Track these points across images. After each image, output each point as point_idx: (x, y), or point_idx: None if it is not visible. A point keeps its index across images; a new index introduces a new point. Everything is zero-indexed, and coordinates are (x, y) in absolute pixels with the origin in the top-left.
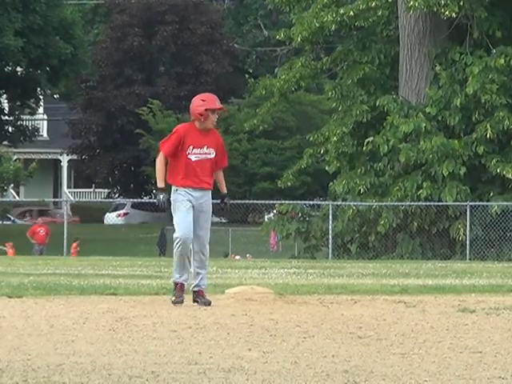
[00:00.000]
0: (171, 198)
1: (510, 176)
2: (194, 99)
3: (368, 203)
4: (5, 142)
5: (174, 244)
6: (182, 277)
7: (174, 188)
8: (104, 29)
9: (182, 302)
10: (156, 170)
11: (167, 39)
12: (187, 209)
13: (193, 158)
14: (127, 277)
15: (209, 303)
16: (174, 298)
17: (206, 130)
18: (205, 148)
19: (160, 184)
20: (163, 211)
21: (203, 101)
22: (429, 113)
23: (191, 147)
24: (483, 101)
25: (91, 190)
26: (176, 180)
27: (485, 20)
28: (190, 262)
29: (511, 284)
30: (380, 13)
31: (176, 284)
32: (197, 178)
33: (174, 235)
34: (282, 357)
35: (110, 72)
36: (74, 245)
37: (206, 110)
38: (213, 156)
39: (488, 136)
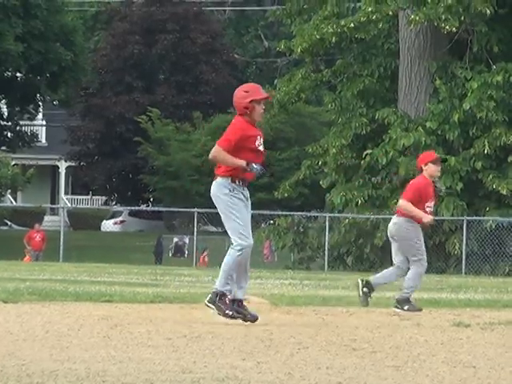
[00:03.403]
0: (224, 197)
1: (504, 192)
2: (236, 92)
3: (365, 215)
4: (3, 148)
5: (235, 252)
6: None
7: (226, 185)
8: (104, 36)
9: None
10: (225, 160)
11: (167, 48)
12: (247, 211)
13: (261, 148)
14: (123, 284)
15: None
16: (230, 312)
17: (255, 123)
18: (261, 137)
19: (240, 163)
20: (259, 177)
21: (246, 92)
22: (429, 127)
23: (258, 137)
24: (478, 117)
25: (88, 196)
26: (236, 171)
27: (485, 35)
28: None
29: (506, 299)
30: (381, 26)
31: (223, 295)
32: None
33: (240, 242)
34: (276, 367)
35: (110, 79)
36: (204, 254)
37: (250, 101)
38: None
39: (485, 152)
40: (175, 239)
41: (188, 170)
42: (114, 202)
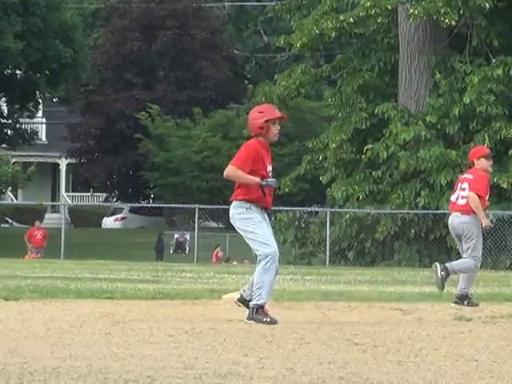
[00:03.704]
0: (240, 216)
1: (505, 186)
2: (251, 113)
3: (366, 210)
4: (3, 145)
5: (263, 263)
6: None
7: (242, 205)
8: (104, 33)
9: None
10: (239, 177)
11: (167, 44)
12: (267, 225)
13: (271, 175)
14: (124, 281)
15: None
16: (268, 319)
17: (269, 143)
18: (270, 164)
19: (255, 180)
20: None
21: (261, 112)
22: (429, 121)
23: (268, 166)
24: (478, 112)
25: (89, 193)
26: (252, 197)
27: (484, 29)
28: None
29: (508, 293)
30: (380, 20)
31: (261, 307)
32: (269, 197)
33: (264, 251)
34: (278, 363)
35: (110, 76)
36: (217, 250)
37: (265, 121)
38: None
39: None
40: (176, 235)
41: (188, 166)
42: (114, 199)
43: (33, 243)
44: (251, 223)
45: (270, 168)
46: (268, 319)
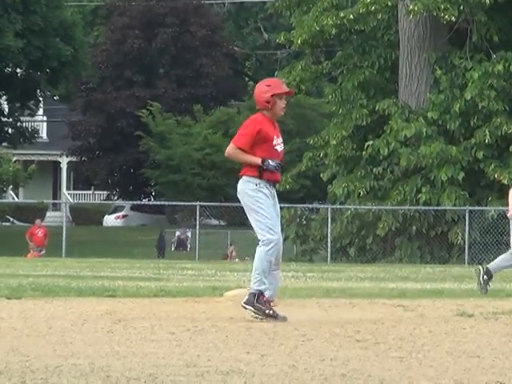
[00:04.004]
0: (250, 192)
1: (505, 182)
2: (257, 86)
3: (367, 206)
4: (4, 144)
5: (265, 247)
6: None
7: (252, 181)
8: (104, 31)
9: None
10: (240, 158)
11: (167, 42)
12: (274, 206)
13: (279, 148)
14: (126, 279)
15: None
16: (271, 312)
17: (276, 119)
18: (280, 137)
19: (255, 161)
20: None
21: (268, 86)
22: (430, 117)
23: (275, 137)
24: (480, 107)
25: (90, 191)
26: (257, 172)
27: (484, 24)
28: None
29: (510, 289)
30: (380, 17)
31: (261, 294)
32: (278, 171)
33: (269, 237)
34: (280, 360)
35: (110, 74)
36: (231, 249)
37: (272, 95)
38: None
39: (486, 141)
40: (177, 233)
41: (189, 164)
42: (115, 197)
43: (34, 242)
44: (262, 204)
45: (277, 141)
46: (271, 312)
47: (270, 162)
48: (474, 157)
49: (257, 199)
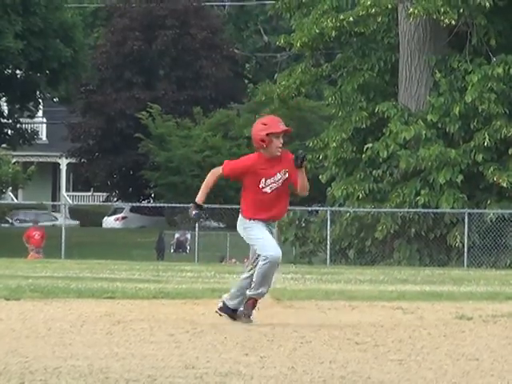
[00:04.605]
0: (244, 226)
1: (504, 185)
2: (254, 125)
3: (366, 209)
4: (4, 145)
5: (261, 262)
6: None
7: (245, 220)
8: (104, 32)
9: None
10: (204, 182)
11: (167, 43)
12: (264, 228)
13: (268, 190)
14: (125, 280)
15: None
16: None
17: (274, 157)
18: (278, 175)
19: (199, 199)
20: (193, 222)
21: (264, 125)
22: (430, 120)
23: (263, 179)
24: (480, 110)
25: (90, 193)
26: (248, 213)
27: (484, 27)
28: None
29: (509, 291)
30: (380, 19)
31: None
32: (270, 211)
33: (264, 254)
34: (279, 362)
35: (110, 76)
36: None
37: (267, 134)
38: (286, 178)
39: (486, 144)
40: (177, 235)
41: (189, 166)
42: (115, 199)
43: (31, 243)
44: (253, 230)
45: (269, 180)
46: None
47: (194, 212)
48: (474, 160)
49: (248, 229)
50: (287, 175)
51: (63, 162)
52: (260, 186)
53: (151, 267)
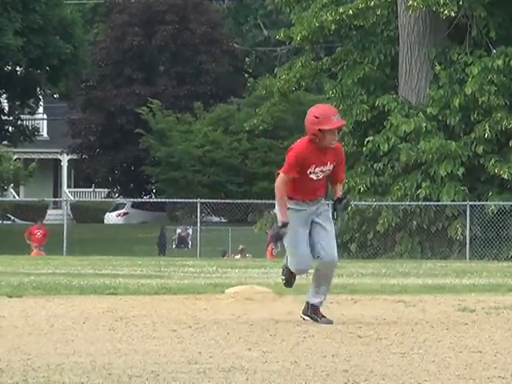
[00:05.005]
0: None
1: (505, 176)
2: (308, 113)
3: (368, 202)
4: (5, 142)
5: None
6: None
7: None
8: (104, 28)
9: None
10: (279, 200)
11: (167, 39)
12: (306, 226)
13: (314, 177)
14: (127, 276)
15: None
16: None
17: (326, 148)
18: (327, 165)
19: (284, 217)
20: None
21: (316, 118)
22: (430, 113)
23: (313, 166)
24: (480, 102)
25: (91, 189)
26: (289, 193)
27: (484, 19)
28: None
29: (511, 283)
30: (379, 12)
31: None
32: (307, 194)
33: (288, 266)
34: (282, 356)
35: (110, 72)
36: (272, 246)
37: (319, 130)
38: (331, 169)
39: (486, 136)
40: (178, 230)
41: (190, 161)
42: (116, 195)
43: (32, 241)
44: (290, 228)
45: (318, 168)
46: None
47: (279, 232)
48: (474, 152)
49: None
50: (332, 167)
51: (64, 159)
52: (308, 172)
53: (153, 263)
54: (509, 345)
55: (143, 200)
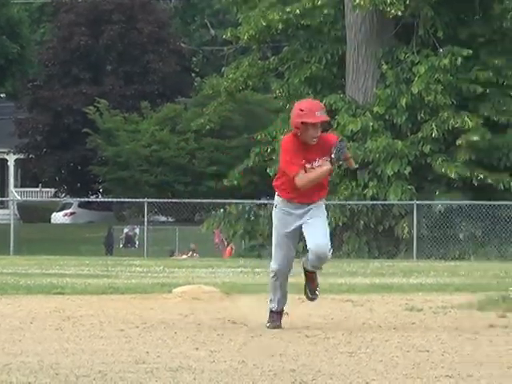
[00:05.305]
0: (274, 215)
1: (452, 176)
2: (294, 106)
3: None
4: None
5: (271, 276)
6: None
7: (276, 201)
8: (51, 28)
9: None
10: (311, 180)
11: (114, 38)
12: (292, 227)
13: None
14: (74, 276)
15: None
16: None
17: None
18: (315, 162)
19: (325, 167)
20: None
21: (301, 111)
22: (377, 112)
23: (306, 162)
24: (427, 101)
25: (38, 189)
26: (281, 192)
27: (431, 19)
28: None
29: (458, 283)
30: (326, 11)
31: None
32: (303, 195)
33: (271, 266)
34: (230, 356)
35: (57, 71)
36: (230, 245)
37: (302, 123)
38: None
39: (433, 135)
40: (125, 230)
41: (137, 160)
42: (63, 194)
43: None
44: (274, 227)
45: (308, 165)
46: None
47: (335, 152)
48: (421, 151)
49: (274, 220)
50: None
51: (11, 158)
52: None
53: (100, 262)
54: (456, 344)
55: (90, 200)
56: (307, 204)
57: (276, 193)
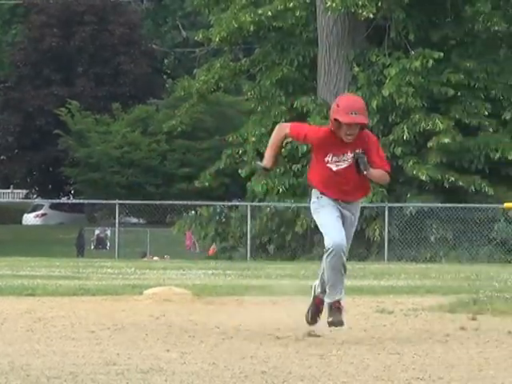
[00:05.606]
0: (313, 207)
1: (424, 178)
2: (337, 98)
3: (286, 204)
4: None
5: (326, 256)
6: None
7: (315, 193)
8: (22, 29)
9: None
10: (270, 142)
11: (85, 40)
12: (336, 211)
13: (333, 167)
14: (45, 277)
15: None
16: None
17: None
18: (346, 155)
19: (268, 163)
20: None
21: (337, 106)
22: None
23: (330, 155)
24: (398, 103)
25: (9, 190)
26: (317, 186)
27: (403, 21)
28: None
29: (429, 285)
30: (298, 13)
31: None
32: (338, 191)
33: (325, 244)
34: (201, 358)
35: (28, 72)
36: (214, 246)
37: (335, 119)
38: (349, 161)
39: (405, 138)
40: (97, 231)
41: (108, 162)
42: (34, 195)
43: None
44: (320, 210)
45: (335, 158)
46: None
47: (259, 163)
48: (393, 153)
49: (316, 206)
50: (352, 157)
51: None
52: (325, 160)
53: (71, 264)
54: (427, 346)
55: (61, 201)
56: (345, 203)
57: (313, 188)
